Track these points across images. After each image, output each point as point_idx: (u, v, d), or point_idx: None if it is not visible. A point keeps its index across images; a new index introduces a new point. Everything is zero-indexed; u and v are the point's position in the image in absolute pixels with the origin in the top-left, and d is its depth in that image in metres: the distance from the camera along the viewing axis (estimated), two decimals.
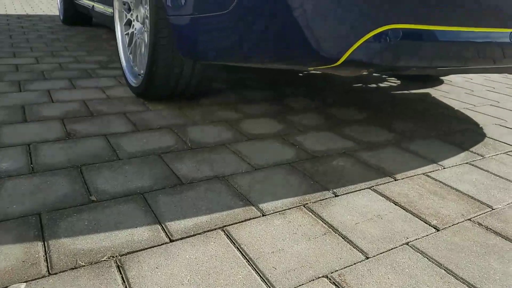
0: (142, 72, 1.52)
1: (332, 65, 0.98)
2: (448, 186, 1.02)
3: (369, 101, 1.77)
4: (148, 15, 1.34)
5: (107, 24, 2.30)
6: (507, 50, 1.04)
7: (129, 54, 1.67)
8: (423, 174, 1.08)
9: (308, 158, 1.13)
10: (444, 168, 1.13)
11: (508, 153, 1.28)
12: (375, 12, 0.87)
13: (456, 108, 1.77)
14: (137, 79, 1.58)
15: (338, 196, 0.93)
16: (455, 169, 1.13)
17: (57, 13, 4.79)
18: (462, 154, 1.24)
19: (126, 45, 1.69)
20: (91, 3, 2.58)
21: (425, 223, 0.85)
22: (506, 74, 2.55)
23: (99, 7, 2.34)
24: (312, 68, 1.05)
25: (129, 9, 1.64)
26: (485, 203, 0.95)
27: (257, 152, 1.14)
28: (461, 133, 1.44)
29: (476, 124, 1.55)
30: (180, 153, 1.10)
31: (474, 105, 1.84)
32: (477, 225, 0.85)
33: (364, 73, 1.19)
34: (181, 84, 1.45)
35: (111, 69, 2.06)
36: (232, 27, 1.07)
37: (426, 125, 1.50)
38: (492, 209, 0.92)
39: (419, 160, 1.16)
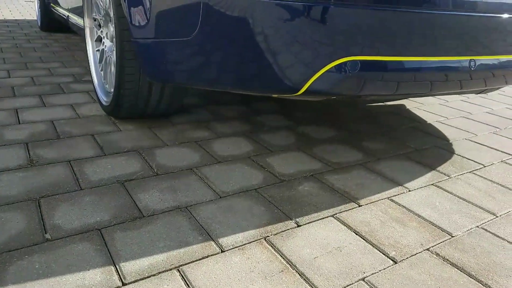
0: (112, 90, 1.50)
1: (294, 94, 0.98)
2: (411, 211, 1.03)
3: (343, 117, 1.78)
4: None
5: (83, 35, 2.27)
6: (467, 76, 1.05)
7: (100, 71, 1.65)
8: (388, 198, 1.09)
9: (276, 183, 1.13)
10: (409, 191, 1.14)
11: (474, 171, 1.30)
12: (333, 45, 0.88)
13: (428, 122, 1.78)
14: (108, 97, 1.56)
15: (300, 226, 0.93)
16: (420, 191, 1.14)
17: (36, 18, 4.70)
18: (429, 175, 1.25)
19: (97, 62, 1.67)
20: (66, 13, 2.54)
21: (384, 254, 0.85)
22: None
23: (74, 18, 2.31)
24: (276, 95, 1.05)
25: (100, 26, 1.62)
26: (445, 230, 0.96)
27: (224, 177, 1.14)
28: (430, 150, 1.45)
29: (446, 140, 1.57)
30: (145, 181, 1.09)
31: (447, 118, 1.86)
32: (435, 256, 0.86)
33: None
34: (151, 104, 1.43)
35: (85, 82, 2.03)
36: (195, 54, 1.06)
37: (397, 142, 1.51)
38: (452, 237, 0.93)
39: (385, 183, 1.17)
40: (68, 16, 2.48)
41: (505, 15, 1.00)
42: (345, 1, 0.83)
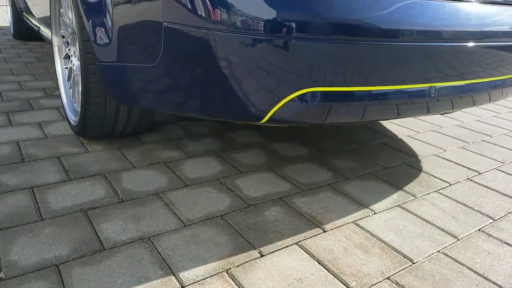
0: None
1: (258, 123, 0.99)
2: (375, 236, 1.04)
3: (315, 133, 1.79)
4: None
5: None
6: (427, 102, 1.07)
7: (69, 88, 1.62)
8: (353, 222, 1.10)
9: (242, 208, 1.12)
10: (374, 213, 1.15)
11: (439, 191, 1.32)
12: (292, 77, 0.88)
13: (399, 137, 1.81)
14: (76, 116, 1.53)
15: (263, 256, 0.93)
16: (385, 214, 1.15)
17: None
18: (395, 195, 1.27)
19: (66, 80, 1.64)
20: (38, 25, 2.49)
21: (345, 285, 0.86)
22: None
23: (45, 30, 2.26)
24: (241, 122, 1.05)
25: (68, 43, 1.59)
26: (407, 256, 0.97)
27: (191, 203, 1.13)
28: (399, 168, 1.47)
29: (415, 156, 1.60)
30: (109, 208, 1.08)
31: (417, 132, 1.89)
32: (395, 285, 0.87)
33: None
34: (120, 125, 1.42)
35: (55, 97, 1.99)
36: (159, 80, 1.05)
37: (366, 160, 1.52)
38: (412, 263, 0.95)
39: (351, 205, 1.18)
40: (39, 28, 2.43)
41: (462, 43, 1.03)
42: (302, 35, 0.84)
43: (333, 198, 1.22)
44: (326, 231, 1.05)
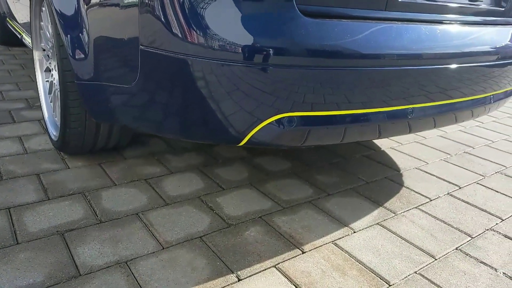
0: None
1: (237, 145, 0.99)
2: (353, 257, 1.05)
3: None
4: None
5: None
6: (405, 123, 1.08)
7: (50, 102, 1.61)
8: (332, 242, 1.10)
9: (222, 228, 1.12)
10: (354, 232, 1.16)
11: (419, 207, 1.33)
12: (268, 102, 0.88)
13: (382, 149, 1.82)
14: (57, 131, 1.52)
15: (241, 280, 0.93)
16: (364, 233, 1.16)
17: None
18: (375, 212, 1.28)
19: (47, 93, 1.62)
20: (21, 33, 2.45)
21: None
22: None
23: (27, 39, 2.23)
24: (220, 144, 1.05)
25: (49, 56, 1.57)
26: (384, 278, 0.98)
27: (170, 223, 1.13)
28: (380, 182, 1.48)
29: (397, 170, 1.61)
30: (87, 230, 1.07)
31: (401, 143, 1.91)
32: None
33: None
34: (101, 141, 1.40)
35: (38, 109, 1.97)
36: (137, 101, 1.04)
37: (348, 174, 1.53)
38: (389, 286, 0.96)
39: (331, 224, 1.19)
40: (22, 36, 2.40)
41: (438, 66, 1.04)
42: (276, 62, 0.84)
43: (314, 216, 1.22)
44: (305, 252, 1.05)
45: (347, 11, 0.92)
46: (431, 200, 1.39)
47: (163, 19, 0.88)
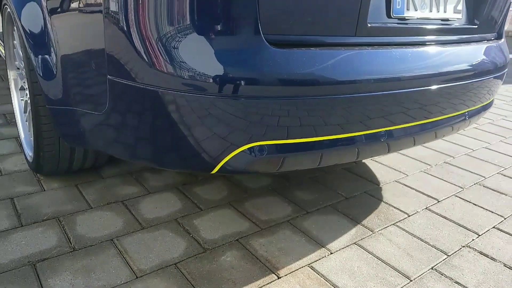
0: None
1: (209, 173, 0.98)
2: (328, 281, 1.05)
3: None
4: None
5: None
6: (384, 145, 1.08)
7: (26, 121, 1.58)
8: (308, 265, 1.10)
9: (198, 254, 1.11)
10: (331, 253, 1.16)
11: (397, 223, 1.34)
12: (238, 132, 0.87)
13: (363, 161, 1.83)
14: (33, 152, 1.49)
15: None
16: (341, 254, 1.16)
17: None
18: (353, 231, 1.28)
19: (23, 112, 1.60)
20: (2, 50, 2.41)
21: None
22: None
23: (1, 50, 2.19)
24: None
25: (23, 75, 1.55)
26: None
27: (145, 250, 1.11)
28: (359, 198, 1.48)
29: (377, 183, 1.61)
30: (59, 260, 1.05)
31: None
32: None
33: None
34: (76, 163, 1.39)
35: (16, 125, 1.94)
36: (108, 128, 1.03)
37: (327, 190, 1.53)
38: None
39: (308, 245, 1.18)
40: (1, 53, 2.35)
41: (411, 89, 1.04)
42: (244, 93, 0.83)
43: (291, 238, 1.22)
44: (280, 277, 1.05)
45: (316, 38, 0.92)
46: (409, 216, 1.39)
47: (131, 51, 0.87)
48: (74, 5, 1.00)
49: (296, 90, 0.87)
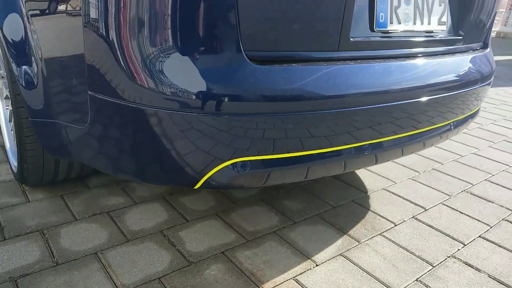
0: None
1: (192, 188, 0.97)
2: None
3: None
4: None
5: None
6: (364, 158, 1.08)
7: (11, 131, 1.56)
8: (293, 278, 1.10)
9: (182, 268, 1.11)
10: (316, 265, 1.16)
11: (383, 233, 1.34)
12: (220, 148, 0.87)
13: None
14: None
15: None
16: (326, 266, 1.16)
17: None
18: (339, 241, 1.28)
19: (8, 121, 1.58)
20: None
21: None
22: None
23: None
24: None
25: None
26: None
27: (129, 263, 1.10)
28: (347, 206, 1.48)
29: (364, 191, 1.62)
30: (41, 275, 1.04)
31: None
32: None
33: None
34: (61, 174, 1.37)
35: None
36: (91, 143, 1.02)
37: (315, 199, 1.53)
38: None
39: (294, 257, 1.18)
40: None
41: (396, 103, 1.04)
42: (225, 110, 0.83)
43: (277, 249, 1.22)
44: None
45: (299, 54, 0.91)
46: (395, 225, 1.40)
47: (113, 68, 0.86)
48: (54, 17, 0.99)
49: (277, 107, 0.87)
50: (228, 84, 0.83)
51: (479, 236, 1.37)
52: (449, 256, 1.25)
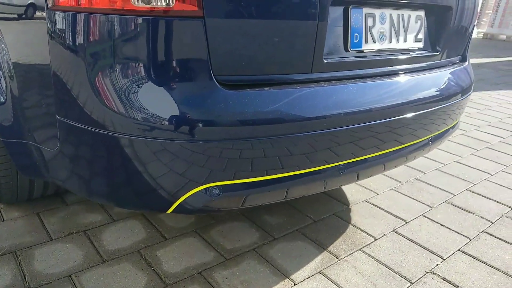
0: None
1: (164, 213, 0.96)
2: None
3: None
4: None
5: None
6: (344, 176, 1.07)
7: None
8: None
9: None
10: (294, 284, 1.15)
11: (363, 249, 1.34)
12: (190, 174, 0.86)
13: None
14: None
15: None
16: (304, 285, 1.15)
17: None
18: (319, 258, 1.27)
19: None
20: None
21: None
22: None
23: None
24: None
25: None
26: None
27: (103, 287, 1.09)
28: (328, 220, 1.48)
29: (346, 204, 1.61)
30: None
31: None
32: None
33: None
34: (37, 191, 1.35)
35: None
36: (62, 165, 1.00)
37: (296, 212, 1.52)
38: None
39: (272, 277, 1.17)
40: None
41: (373, 122, 1.03)
42: (196, 136, 0.82)
43: (256, 268, 1.21)
44: None
45: (271, 77, 0.90)
46: (376, 240, 1.39)
47: (82, 94, 0.84)
48: (22, 35, 0.97)
49: (249, 131, 0.86)
50: (198, 111, 0.82)
51: (458, 250, 1.37)
52: (427, 272, 1.25)
